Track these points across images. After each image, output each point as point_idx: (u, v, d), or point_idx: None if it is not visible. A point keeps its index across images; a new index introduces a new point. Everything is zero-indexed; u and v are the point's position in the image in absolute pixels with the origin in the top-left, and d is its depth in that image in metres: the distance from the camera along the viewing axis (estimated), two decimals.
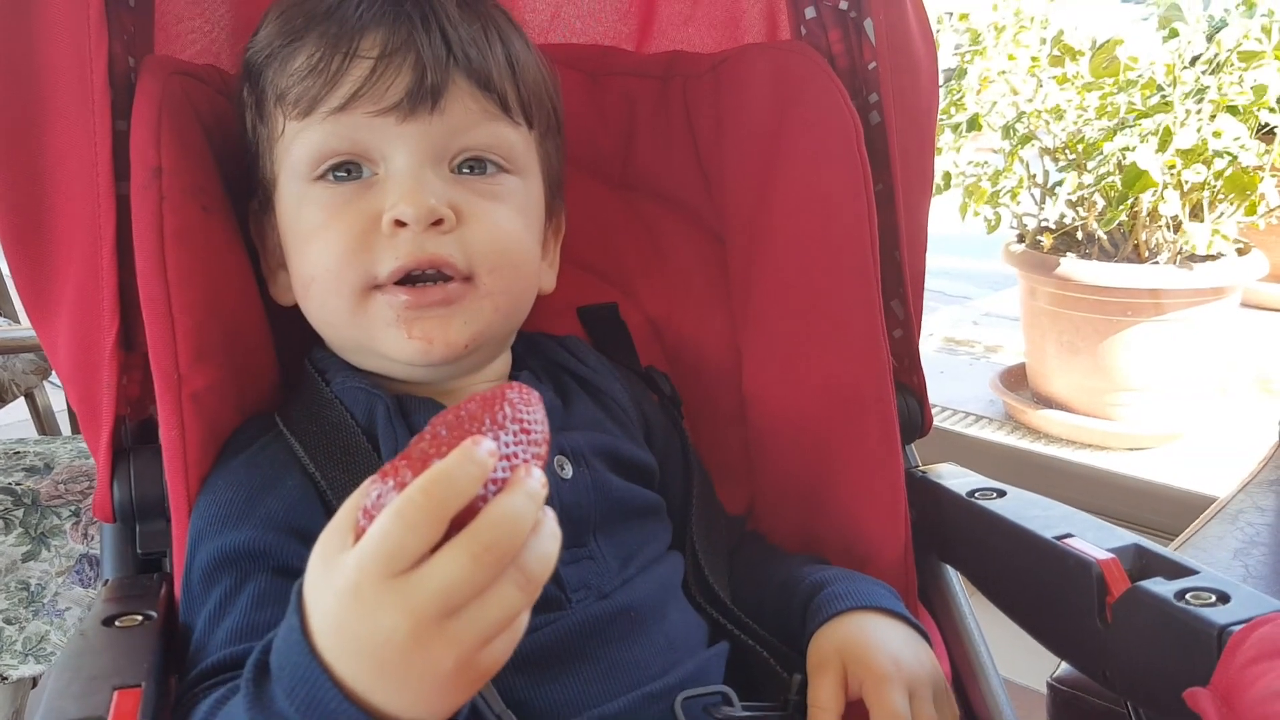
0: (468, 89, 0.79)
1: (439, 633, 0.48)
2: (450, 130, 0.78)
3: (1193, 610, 0.69)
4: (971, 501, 0.88)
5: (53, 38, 0.79)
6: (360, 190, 0.78)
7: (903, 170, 0.94)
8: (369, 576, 0.48)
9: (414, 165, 0.77)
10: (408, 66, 0.77)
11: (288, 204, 0.81)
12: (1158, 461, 2.18)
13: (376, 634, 0.48)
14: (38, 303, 0.82)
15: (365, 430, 0.79)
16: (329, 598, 0.50)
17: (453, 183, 0.79)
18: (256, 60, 0.81)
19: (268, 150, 0.82)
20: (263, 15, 0.83)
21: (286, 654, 0.52)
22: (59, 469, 1.35)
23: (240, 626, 0.68)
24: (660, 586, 0.82)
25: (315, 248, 0.78)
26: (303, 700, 0.50)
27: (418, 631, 0.48)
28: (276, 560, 0.70)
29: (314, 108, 0.77)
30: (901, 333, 0.97)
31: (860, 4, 0.93)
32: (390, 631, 0.48)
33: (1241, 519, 1.26)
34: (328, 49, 0.77)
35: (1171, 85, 2.02)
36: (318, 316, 0.82)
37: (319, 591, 0.51)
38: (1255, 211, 2.07)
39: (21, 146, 0.79)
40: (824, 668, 0.76)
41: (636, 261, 1.05)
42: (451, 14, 0.79)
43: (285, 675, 0.51)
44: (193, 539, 0.74)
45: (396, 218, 0.75)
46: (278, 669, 0.52)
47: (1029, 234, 2.28)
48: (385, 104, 0.76)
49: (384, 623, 0.48)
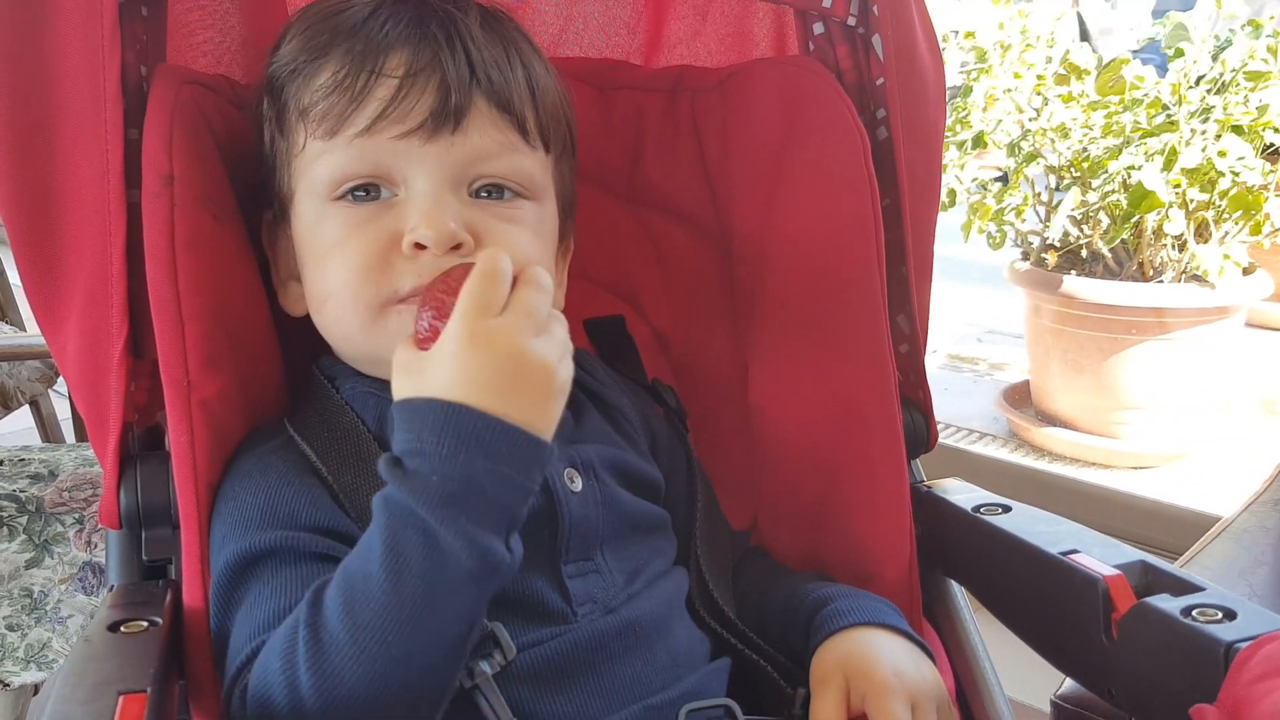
0: (488, 111, 0.79)
1: (532, 351, 0.65)
2: (470, 154, 0.78)
3: (1199, 627, 0.69)
4: (977, 517, 0.88)
5: (65, 46, 0.79)
6: (380, 210, 0.78)
7: (910, 186, 0.94)
8: (478, 321, 0.64)
9: (434, 188, 0.77)
10: (432, 87, 0.77)
11: (305, 219, 0.81)
12: (1162, 480, 2.18)
13: (493, 361, 0.64)
14: (47, 309, 0.82)
15: (375, 433, 0.79)
16: (439, 369, 0.64)
17: (471, 206, 0.79)
18: (279, 74, 0.81)
19: (286, 164, 0.82)
20: (284, 28, 0.84)
21: (421, 421, 0.63)
22: (63, 476, 1.36)
23: (282, 606, 0.69)
24: (665, 602, 0.82)
25: (333, 265, 0.78)
26: (451, 437, 0.62)
27: (521, 349, 0.64)
28: (308, 549, 0.72)
29: (338, 129, 0.77)
30: (907, 347, 0.97)
31: (868, 20, 0.93)
32: (504, 354, 0.64)
33: (1246, 538, 1.25)
34: (353, 66, 0.77)
35: (1177, 104, 2.03)
36: (332, 330, 0.82)
37: (423, 376, 0.65)
38: (1260, 231, 2.07)
39: (33, 153, 0.80)
40: (827, 682, 0.76)
41: (643, 275, 1.05)
42: (475, 34, 0.80)
43: (427, 432, 0.62)
44: (216, 545, 0.74)
45: (417, 240, 0.76)
46: (415, 441, 0.63)
47: (1033, 252, 2.28)
48: (409, 126, 0.76)
49: (498, 349, 0.64)
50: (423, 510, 0.61)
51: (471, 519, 0.61)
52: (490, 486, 0.62)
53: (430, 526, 0.61)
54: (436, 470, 0.61)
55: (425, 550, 0.61)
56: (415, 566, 0.61)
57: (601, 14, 1.08)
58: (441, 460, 0.61)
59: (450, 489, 0.61)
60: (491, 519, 0.62)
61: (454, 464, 0.61)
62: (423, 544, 0.61)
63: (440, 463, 0.61)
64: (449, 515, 0.61)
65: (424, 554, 0.61)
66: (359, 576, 0.62)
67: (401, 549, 0.61)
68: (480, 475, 0.61)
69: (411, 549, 0.61)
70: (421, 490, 0.61)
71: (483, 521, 0.62)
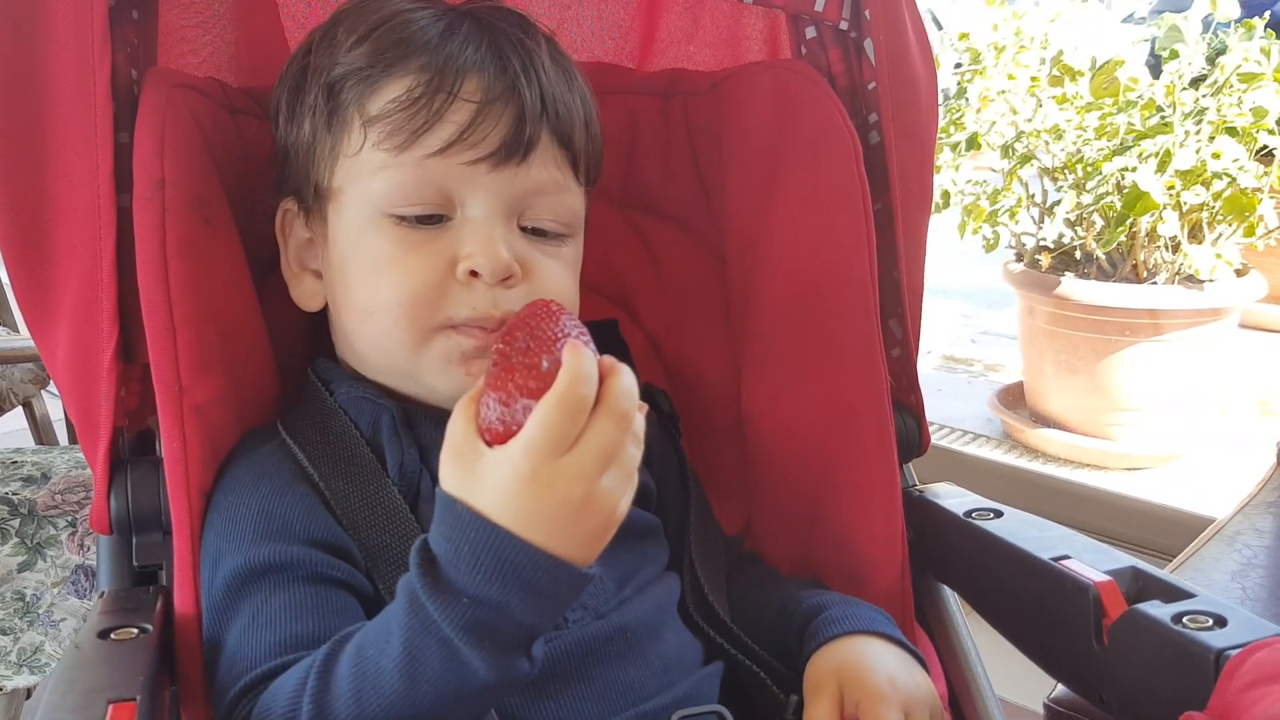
0: (550, 146, 0.80)
1: (598, 490, 0.60)
2: (529, 186, 0.79)
3: (1190, 634, 0.69)
4: (969, 522, 0.88)
5: (56, 49, 0.79)
6: (435, 234, 0.78)
7: (902, 190, 0.94)
8: (544, 460, 0.59)
9: (489, 216, 0.78)
10: (508, 116, 0.77)
11: (352, 224, 0.80)
12: (1155, 482, 2.18)
13: (555, 501, 0.58)
14: (37, 313, 0.82)
15: (370, 440, 0.79)
16: (496, 487, 0.59)
17: (520, 238, 0.80)
18: (344, 74, 0.80)
19: (329, 159, 0.81)
20: (332, 21, 0.82)
21: (462, 535, 0.59)
22: (56, 479, 1.35)
23: (283, 639, 0.69)
24: (656, 607, 0.82)
25: (385, 283, 0.78)
26: (490, 564, 0.58)
27: (587, 492, 0.59)
28: (305, 570, 0.72)
29: (408, 146, 0.77)
30: (900, 352, 0.97)
31: (860, 24, 0.93)
32: (567, 496, 0.59)
33: (1239, 540, 1.25)
34: (429, 85, 0.77)
35: (1171, 106, 2.03)
36: (369, 344, 0.81)
37: (477, 485, 0.60)
38: (1254, 233, 2.07)
39: (23, 157, 0.79)
40: (821, 689, 0.76)
41: (636, 279, 1.05)
42: (547, 66, 0.81)
43: (466, 551, 0.59)
44: (212, 556, 0.74)
45: (473, 269, 0.76)
46: (453, 552, 0.60)
47: (1027, 253, 2.28)
48: (481, 153, 0.77)
49: (561, 491, 0.59)
50: (448, 629, 0.59)
51: (497, 643, 0.60)
52: (523, 614, 0.59)
53: (453, 644, 0.59)
54: (469, 591, 0.59)
55: (444, 662, 0.60)
56: (431, 674, 0.60)
57: (594, 17, 1.08)
58: (476, 584, 0.59)
59: (480, 616, 0.59)
60: (518, 640, 0.61)
61: (489, 590, 0.59)
62: (442, 657, 0.60)
63: (475, 586, 0.59)
64: (474, 639, 0.59)
65: (442, 665, 0.60)
66: (372, 667, 0.61)
67: (420, 655, 0.60)
68: (514, 604, 0.59)
69: (430, 658, 0.60)
70: (451, 609, 0.59)
71: (508, 644, 0.60)
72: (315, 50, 0.83)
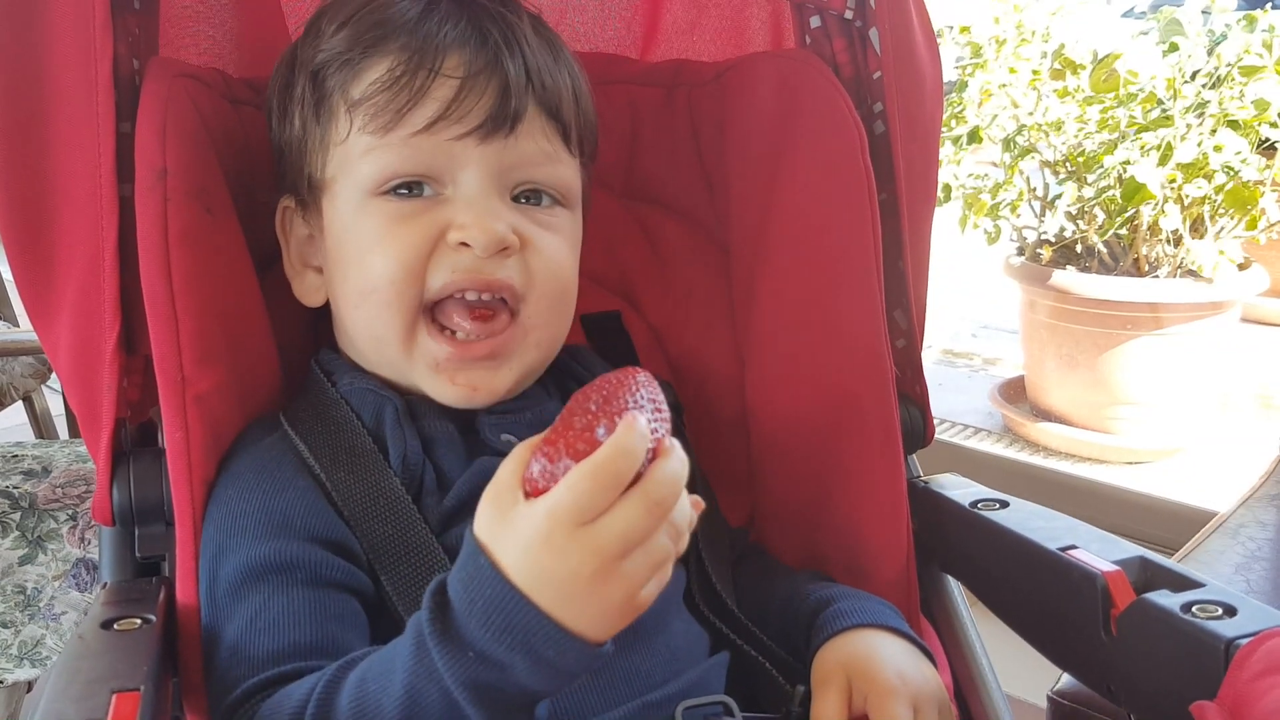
0: (538, 117, 0.80)
1: (615, 571, 0.57)
2: (519, 158, 0.79)
3: (1200, 623, 0.69)
4: (974, 512, 0.88)
5: (57, 39, 0.78)
6: (425, 206, 0.78)
7: (907, 180, 0.94)
8: (562, 526, 0.56)
9: (483, 189, 0.78)
10: (491, 89, 0.77)
11: (343, 211, 0.80)
12: (1157, 475, 2.18)
13: (566, 571, 0.56)
14: (39, 304, 0.82)
15: (373, 431, 0.79)
16: (517, 543, 0.57)
17: (514, 210, 0.80)
18: (326, 62, 0.80)
19: (320, 150, 0.81)
20: (318, 13, 0.83)
21: (478, 588, 0.58)
22: (57, 473, 1.35)
23: (281, 647, 0.68)
24: (662, 597, 0.80)
25: (377, 259, 0.78)
26: (500, 623, 0.57)
27: (601, 569, 0.56)
28: (305, 572, 0.71)
29: (393, 126, 0.77)
30: (904, 343, 0.97)
31: (865, 13, 0.93)
32: (578, 569, 0.56)
33: (1242, 534, 1.25)
34: (410, 63, 0.77)
35: (1172, 99, 2.02)
36: (366, 330, 0.81)
37: (504, 537, 0.58)
38: (1255, 226, 2.07)
39: (25, 147, 0.79)
40: (829, 682, 0.76)
41: (639, 270, 1.05)
42: (530, 39, 0.81)
43: (479, 605, 0.58)
44: (213, 551, 0.74)
45: (464, 240, 0.76)
46: (467, 602, 0.58)
47: (1029, 247, 2.28)
48: (467, 127, 0.77)
49: (573, 562, 0.56)
50: (450, 681, 0.58)
51: (498, 702, 0.59)
52: (526, 679, 0.58)
53: (453, 697, 0.58)
54: (476, 645, 0.58)
55: (444, 711, 0.59)
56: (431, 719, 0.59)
57: (597, 6, 1.07)
58: (485, 640, 0.57)
59: (483, 675, 0.58)
60: (520, 703, 0.60)
61: (495, 649, 0.57)
62: (442, 706, 0.59)
63: (482, 641, 0.57)
64: (476, 696, 0.58)
65: (441, 714, 0.59)
66: (373, 704, 0.61)
67: (420, 700, 0.59)
68: (518, 668, 0.58)
69: (430, 705, 0.59)
70: (456, 662, 0.58)
71: (509, 705, 0.60)
72: (301, 44, 0.83)
